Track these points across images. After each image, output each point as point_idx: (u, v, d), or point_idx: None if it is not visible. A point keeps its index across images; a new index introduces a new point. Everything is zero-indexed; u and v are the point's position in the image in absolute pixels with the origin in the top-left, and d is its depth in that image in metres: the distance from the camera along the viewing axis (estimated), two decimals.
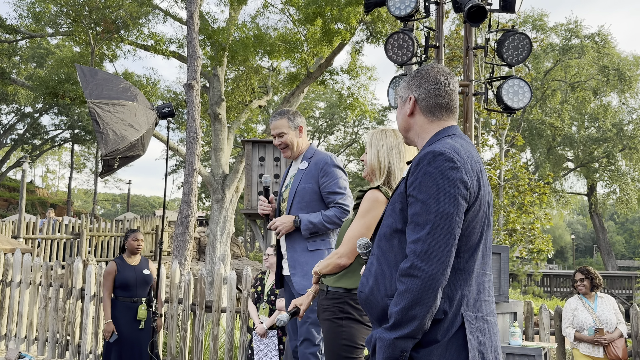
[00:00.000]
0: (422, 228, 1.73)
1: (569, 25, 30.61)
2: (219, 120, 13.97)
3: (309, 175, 3.39)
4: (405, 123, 2.03)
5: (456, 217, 1.74)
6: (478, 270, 1.84)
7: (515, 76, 5.57)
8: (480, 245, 1.85)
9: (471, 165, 1.82)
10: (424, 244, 1.71)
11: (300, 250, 3.34)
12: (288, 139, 3.51)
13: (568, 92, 30.60)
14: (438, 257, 1.70)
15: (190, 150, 9.26)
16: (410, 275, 1.70)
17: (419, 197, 1.76)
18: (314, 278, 2.79)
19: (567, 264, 55.17)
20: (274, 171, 7.34)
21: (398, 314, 1.71)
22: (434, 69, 2.01)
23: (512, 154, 18.57)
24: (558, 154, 32.80)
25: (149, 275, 5.50)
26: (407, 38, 5.53)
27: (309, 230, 3.29)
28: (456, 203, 1.74)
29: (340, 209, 3.29)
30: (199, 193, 31.36)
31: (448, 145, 1.82)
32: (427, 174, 1.76)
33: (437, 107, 1.97)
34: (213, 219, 13.40)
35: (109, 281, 5.36)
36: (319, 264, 2.77)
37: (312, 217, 3.30)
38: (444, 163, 1.76)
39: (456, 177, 1.75)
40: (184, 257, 9.01)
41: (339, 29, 13.28)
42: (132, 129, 4.53)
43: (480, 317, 1.83)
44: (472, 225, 1.81)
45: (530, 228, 15.90)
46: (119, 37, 15.14)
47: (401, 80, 2.14)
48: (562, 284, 25.94)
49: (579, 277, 5.33)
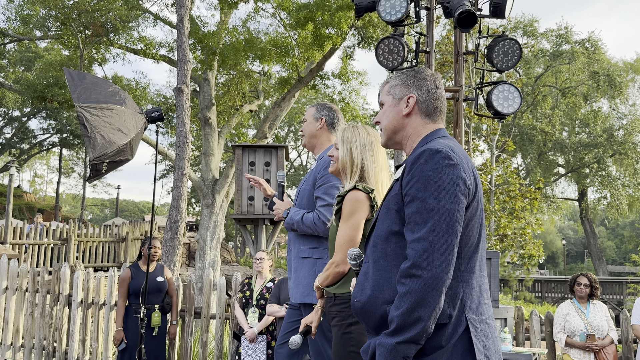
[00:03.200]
0: (423, 226, 1.66)
1: (559, 31, 30.90)
2: (209, 125, 13.94)
3: (311, 176, 3.30)
4: (398, 123, 1.97)
5: (457, 214, 1.68)
6: (478, 272, 1.79)
7: (506, 82, 5.61)
8: (479, 246, 1.80)
9: (467, 163, 1.79)
10: (425, 242, 1.65)
11: (295, 254, 3.26)
12: (306, 127, 3.45)
13: (559, 97, 30.84)
14: (441, 255, 1.63)
15: (180, 154, 9.22)
16: (412, 275, 1.63)
17: (418, 195, 1.70)
18: (317, 293, 2.75)
19: (559, 269, 55.43)
20: (264, 176, 7.34)
21: (400, 317, 1.63)
22: (428, 71, 2.00)
23: (503, 159, 18.68)
24: (549, 160, 33.03)
25: (163, 282, 5.49)
26: (398, 43, 5.56)
27: (288, 225, 3.22)
28: (457, 200, 1.69)
29: (317, 216, 3.13)
30: (189, 198, 31.24)
31: (443, 144, 1.79)
32: (424, 172, 1.71)
33: (434, 110, 1.96)
34: (203, 224, 13.34)
35: (123, 288, 5.34)
36: (317, 278, 2.74)
37: (297, 213, 3.21)
38: (441, 160, 1.72)
39: (455, 174, 1.71)
40: (173, 262, 8.96)
41: (330, 34, 13.32)
42: (121, 133, 4.51)
43: (483, 321, 1.77)
44: (471, 224, 1.76)
45: (521, 233, 15.98)
46: (108, 40, 15.09)
47: (390, 78, 2.12)
48: (553, 289, 26.05)
49: (584, 281, 5.33)
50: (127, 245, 15.90)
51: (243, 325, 5.28)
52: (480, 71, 6.68)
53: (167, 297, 5.58)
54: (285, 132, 37.36)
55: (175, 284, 6.09)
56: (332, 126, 3.44)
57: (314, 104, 3.52)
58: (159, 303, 5.42)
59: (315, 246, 3.19)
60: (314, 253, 3.19)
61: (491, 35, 5.83)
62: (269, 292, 5.27)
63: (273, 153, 7.38)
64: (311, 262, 3.18)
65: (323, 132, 3.43)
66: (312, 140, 3.45)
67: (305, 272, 3.17)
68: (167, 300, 5.56)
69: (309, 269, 3.16)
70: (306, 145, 3.50)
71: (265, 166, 7.37)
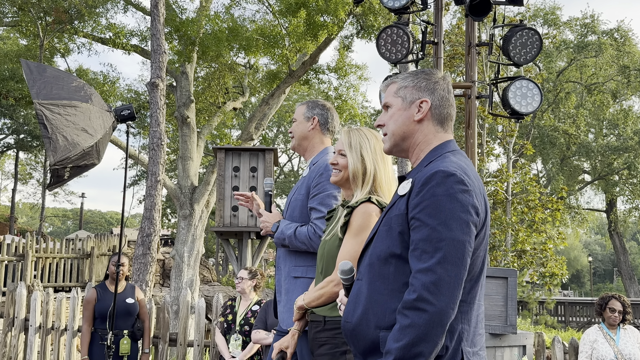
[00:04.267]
0: (431, 256, 1.74)
1: (584, 20, 31.13)
2: (187, 125, 13.94)
3: (304, 184, 3.27)
4: (408, 128, 2.01)
5: (468, 245, 1.77)
6: (477, 302, 1.90)
7: (524, 77, 5.65)
8: (482, 275, 1.90)
9: (479, 188, 1.87)
10: (433, 275, 1.73)
11: (285, 273, 3.24)
12: (295, 128, 3.44)
13: (584, 95, 31.04)
14: (449, 290, 1.72)
15: (154, 158, 9.22)
16: (417, 308, 1.71)
17: (428, 221, 1.78)
18: (297, 314, 2.71)
19: (584, 289, 55.62)
20: (250, 183, 7.34)
21: (399, 350, 1.71)
22: (440, 74, 2.06)
23: (521, 164, 18.77)
24: (573, 165, 33.19)
25: (133, 304, 5.46)
26: (402, 33, 5.59)
27: (278, 240, 3.19)
28: (468, 230, 1.78)
29: (313, 229, 3.11)
30: (164, 208, 31.18)
31: (456, 165, 1.85)
32: (436, 196, 1.78)
33: (447, 117, 2.02)
34: (179, 238, 13.31)
35: (88, 311, 5.31)
36: (304, 296, 2.70)
37: (288, 226, 3.18)
38: (455, 185, 1.79)
39: (468, 201, 1.79)
40: (145, 282, 8.93)
41: (326, 22, 13.37)
42: (86, 134, 4.51)
43: (476, 353, 1.87)
44: (476, 254, 1.85)
45: (542, 249, 16.04)
46: (72, 28, 15.09)
47: (398, 78, 2.13)
48: (578, 312, 26.09)
49: (618, 307, 5.24)
50: (93, 262, 15.82)
51: (224, 354, 5.26)
52: (495, 65, 6.73)
53: (137, 321, 5.55)
54: (274, 133, 37.44)
55: (147, 306, 6.06)
56: (326, 126, 3.42)
57: (304, 102, 3.51)
58: (129, 328, 5.40)
59: (310, 264, 3.17)
60: (308, 272, 3.16)
61: (507, 25, 5.87)
62: (254, 317, 5.24)
63: (260, 157, 7.39)
64: (305, 282, 3.15)
65: (315, 133, 3.41)
66: (303, 143, 3.43)
67: (299, 294, 3.14)
68: (137, 325, 5.54)
69: (303, 290, 3.12)
70: (296, 148, 3.49)
71: (251, 172, 7.37)
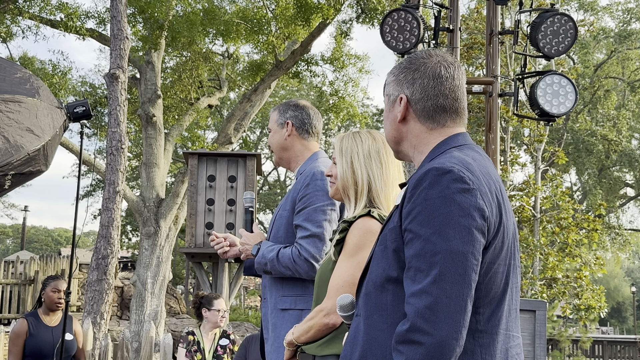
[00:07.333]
0: (425, 275, 1.68)
1: (627, 4, 31.38)
2: (153, 124, 13.94)
3: (289, 198, 3.28)
4: (396, 132, 2.01)
5: (471, 257, 1.70)
6: (504, 332, 1.81)
7: (556, 71, 5.69)
8: (505, 297, 1.82)
9: (488, 186, 1.80)
10: (428, 297, 1.66)
11: (272, 305, 3.24)
12: (271, 139, 3.45)
13: (626, 93, 31.24)
14: (448, 315, 1.65)
15: (112, 165, 9.20)
16: (411, 341, 1.66)
17: (420, 232, 1.72)
18: (288, 351, 2.72)
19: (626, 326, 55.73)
20: (228, 195, 7.33)
21: None
22: (431, 56, 2.00)
23: (552, 175, 18.83)
24: (613, 177, 33.34)
25: (72, 341, 5.41)
26: (411, 18, 5.62)
27: (259, 265, 3.19)
28: (470, 239, 1.71)
29: (297, 251, 3.10)
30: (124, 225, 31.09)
31: (456, 160, 1.80)
32: (429, 200, 1.73)
33: (437, 110, 1.96)
34: (142, 261, 13.27)
35: (17, 347, 5.26)
36: (292, 331, 2.71)
37: (270, 249, 3.17)
38: (451, 184, 1.73)
39: (469, 202, 1.73)
40: (101, 313, 8.89)
41: (320, 4, 13.43)
42: (32, 135, 4.50)
43: None
44: (493, 269, 1.78)
45: (577, 277, 16.06)
46: (15, 8, 15.09)
47: (390, 73, 2.14)
48: (619, 353, 26.14)
49: None
50: (37, 290, 15.75)
51: None
52: (522, 57, 6.77)
53: None
54: (256, 136, 37.45)
55: (102, 342, 6.04)
56: (304, 129, 3.42)
57: (276, 107, 3.51)
58: None
59: (299, 293, 3.16)
60: (298, 303, 3.16)
61: (536, 9, 5.92)
62: (226, 353, 5.26)
63: (240, 164, 7.38)
64: (295, 315, 3.13)
65: (294, 140, 3.41)
66: (283, 155, 3.45)
67: (287, 329, 3.12)
68: None
69: (292, 324, 3.12)
70: (279, 162, 3.52)
71: (230, 182, 7.37)
